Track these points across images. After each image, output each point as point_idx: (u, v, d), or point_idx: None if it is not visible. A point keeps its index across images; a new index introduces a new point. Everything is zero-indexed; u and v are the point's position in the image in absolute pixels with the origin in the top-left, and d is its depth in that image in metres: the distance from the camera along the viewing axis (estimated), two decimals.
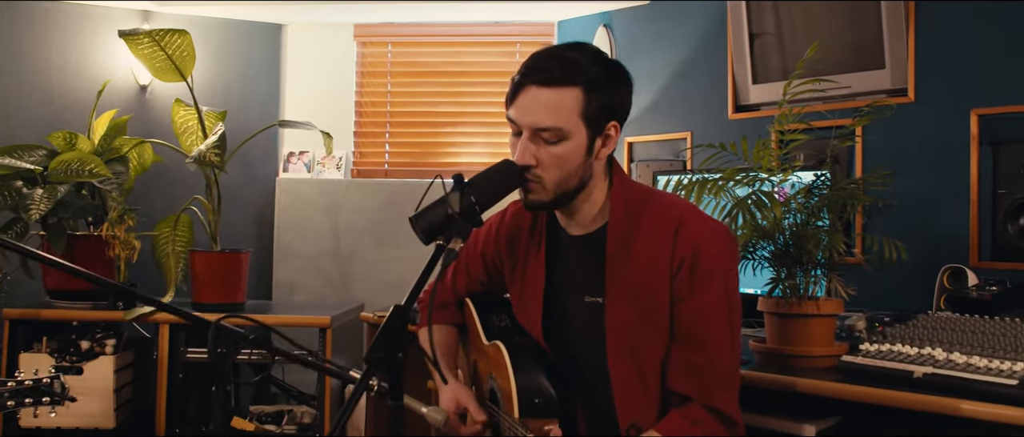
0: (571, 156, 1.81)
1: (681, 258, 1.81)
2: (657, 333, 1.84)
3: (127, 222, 3.66)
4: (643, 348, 1.84)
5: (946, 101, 3.08)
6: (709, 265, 1.80)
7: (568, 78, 1.79)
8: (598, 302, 1.90)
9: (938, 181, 3.07)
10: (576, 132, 1.80)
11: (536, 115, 1.79)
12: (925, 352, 2.10)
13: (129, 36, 3.52)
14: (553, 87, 1.79)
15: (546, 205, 1.88)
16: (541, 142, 1.81)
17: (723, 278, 1.82)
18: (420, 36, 4.80)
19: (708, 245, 1.82)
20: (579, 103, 1.79)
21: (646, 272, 1.83)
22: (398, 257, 4.57)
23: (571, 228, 1.97)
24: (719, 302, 1.82)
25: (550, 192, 1.84)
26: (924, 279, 2.92)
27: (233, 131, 4.20)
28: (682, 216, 1.84)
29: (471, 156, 4.77)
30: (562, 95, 1.79)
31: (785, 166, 2.40)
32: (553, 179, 1.83)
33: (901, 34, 3.16)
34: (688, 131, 3.94)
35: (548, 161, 1.81)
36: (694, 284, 1.80)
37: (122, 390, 3.57)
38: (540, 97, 1.79)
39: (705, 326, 1.81)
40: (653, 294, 1.83)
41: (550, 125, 1.79)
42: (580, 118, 1.80)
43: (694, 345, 1.81)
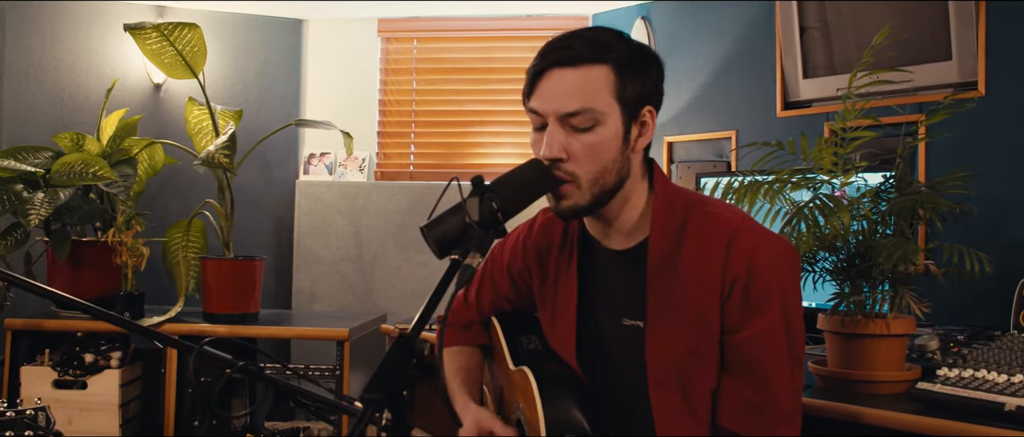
0: (607, 144, 1.56)
1: (734, 277, 1.55)
2: (707, 361, 1.58)
3: (135, 227, 3.47)
4: (690, 378, 1.59)
5: (1021, 95, 2.79)
6: (766, 286, 1.54)
7: (595, 55, 1.55)
8: (638, 326, 1.65)
9: (1012, 183, 2.78)
10: (611, 114, 1.56)
11: (563, 99, 1.55)
12: (1016, 380, 1.84)
13: (136, 30, 3.32)
14: (579, 66, 1.55)
15: (583, 210, 1.61)
16: (571, 130, 1.56)
17: (783, 300, 1.56)
18: (447, 31, 4.57)
19: (764, 262, 1.55)
20: (611, 82, 1.56)
21: (693, 293, 1.58)
22: (424, 263, 4.34)
23: (607, 241, 1.71)
24: (778, 329, 1.55)
25: (587, 192, 1.58)
26: (996, 291, 2.63)
27: (251, 131, 4.02)
28: (736, 228, 1.58)
29: (500, 157, 4.53)
30: (591, 73, 1.55)
31: (848, 167, 2.13)
32: (589, 174, 1.57)
33: (970, 21, 2.87)
34: (733, 130, 3.67)
35: (581, 152, 1.56)
36: (748, 308, 1.54)
37: (128, 405, 3.38)
38: (565, 79, 1.56)
39: (763, 357, 1.55)
40: (702, 318, 1.57)
41: (581, 107, 1.54)
42: (614, 98, 1.56)
43: (750, 379, 1.55)
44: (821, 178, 2.12)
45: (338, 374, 3.29)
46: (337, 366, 3.30)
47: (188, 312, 3.52)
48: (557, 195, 1.59)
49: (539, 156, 1.58)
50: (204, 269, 3.48)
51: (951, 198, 2.06)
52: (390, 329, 3.27)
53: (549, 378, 1.71)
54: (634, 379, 1.64)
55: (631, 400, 1.67)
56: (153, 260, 3.57)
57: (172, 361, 3.32)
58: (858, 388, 2.04)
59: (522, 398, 1.76)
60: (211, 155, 3.23)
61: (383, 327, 3.39)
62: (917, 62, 2.92)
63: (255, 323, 3.46)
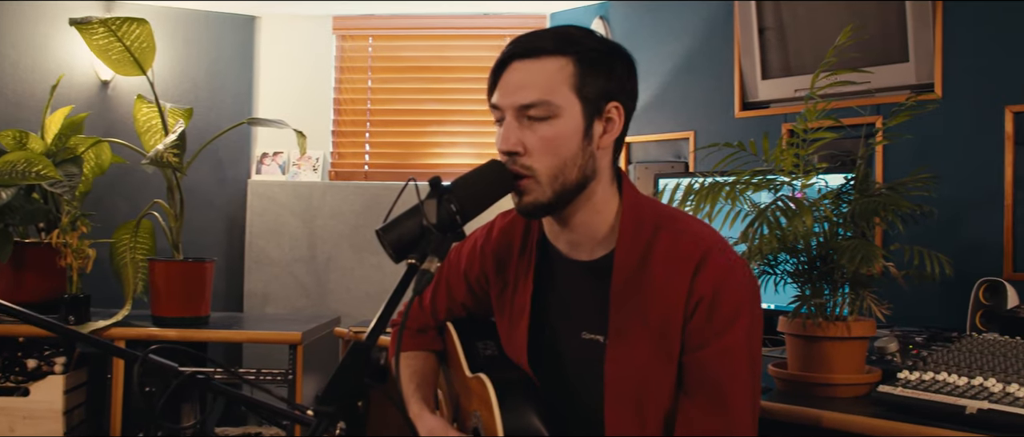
0: (565, 138, 1.52)
1: (699, 298, 1.51)
2: (665, 381, 1.55)
3: (81, 228, 3.36)
4: (647, 396, 1.55)
5: (978, 97, 2.80)
6: (732, 307, 1.51)
7: (555, 47, 1.53)
8: (598, 340, 1.61)
9: (968, 185, 2.79)
10: (568, 108, 1.52)
11: (520, 91, 1.52)
12: (977, 383, 1.83)
13: (82, 25, 3.22)
14: (539, 58, 1.53)
15: (545, 206, 1.56)
16: (527, 123, 1.53)
17: (748, 324, 1.53)
18: (403, 29, 4.50)
19: (732, 284, 1.52)
20: (570, 74, 1.52)
21: (657, 310, 1.54)
22: (378, 265, 4.27)
23: (572, 252, 1.67)
24: (741, 350, 1.52)
25: (547, 187, 1.54)
26: (952, 293, 2.65)
27: (201, 130, 3.92)
28: (707, 248, 1.54)
29: (457, 157, 4.48)
30: (549, 64, 1.52)
31: (809, 168, 2.11)
32: (547, 169, 1.53)
33: (927, 23, 2.88)
34: (691, 130, 3.65)
35: (537, 145, 1.52)
36: (712, 327, 1.51)
37: (73, 412, 3.27)
38: (523, 70, 1.53)
39: (723, 376, 1.51)
40: (663, 336, 1.54)
41: (536, 99, 1.51)
42: (572, 91, 1.52)
43: (708, 399, 1.51)
44: (782, 180, 2.10)
45: (291, 379, 3.22)
46: (289, 370, 3.23)
47: (136, 315, 3.42)
48: (518, 191, 1.55)
49: (497, 147, 1.54)
50: (152, 271, 3.38)
51: (912, 200, 2.05)
52: (344, 332, 3.20)
53: (508, 386, 1.67)
54: (590, 393, 1.61)
55: (585, 414, 1.63)
56: (100, 262, 3.46)
57: (118, 366, 3.22)
58: (818, 391, 2.03)
59: (480, 406, 1.72)
60: (160, 154, 3.14)
61: (337, 330, 3.32)
62: (875, 64, 2.93)
63: (205, 327, 3.37)
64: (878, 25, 2.97)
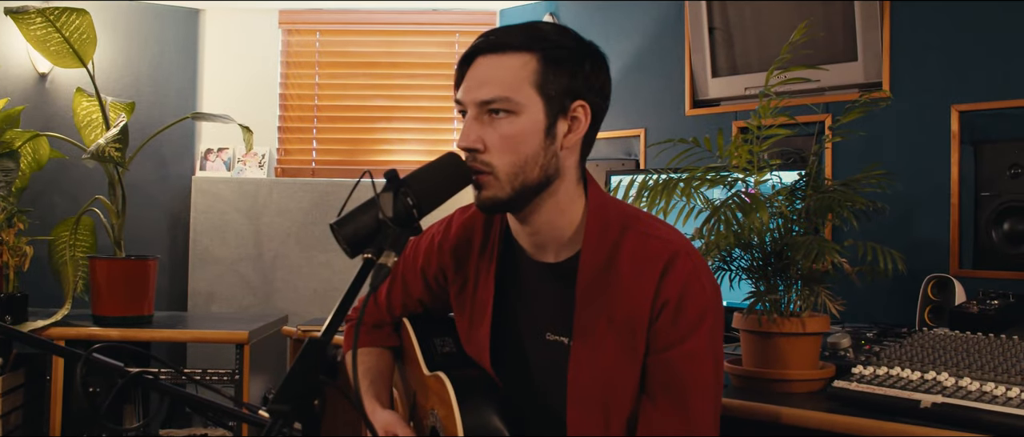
0: (525, 136, 1.50)
1: (664, 300, 1.50)
2: (628, 384, 1.53)
3: (17, 225, 3.25)
4: (610, 399, 1.53)
5: (925, 96, 2.84)
6: (698, 310, 1.50)
7: (520, 43, 1.51)
8: (562, 342, 1.59)
9: (915, 183, 2.82)
10: (529, 105, 1.50)
11: (482, 87, 1.50)
12: (930, 377, 1.84)
13: (18, 15, 3.11)
14: (503, 53, 1.50)
15: (503, 203, 1.53)
16: (488, 119, 1.50)
17: (712, 327, 1.52)
18: (351, 23, 4.44)
19: (697, 287, 1.51)
20: (533, 71, 1.50)
21: (622, 313, 1.52)
22: (326, 263, 4.21)
23: (537, 253, 1.64)
24: (705, 353, 1.51)
25: (506, 184, 1.51)
26: (900, 289, 2.68)
27: (144, 125, 3.83)
28: (674, 252, 1.52)
29: (406, 154, 4.43)
30: (512, 60, 1.50)
31: (763, 165, 2.11)
32: (506, 166, 1.50)
33: (875, 23, 2.91)
34: (641, 128, 3.65)
35: (497, 143, 1.49)
36: (677, 329, 1.50)
37: (9, 416, 3.16)
38: (486, 66, 1.51)
39: (686, 379, 1.50)
40: (629, 339, 1.52)
41: (496, 95, 1.49)
42: (534, 88, 1.50)
43: (671, 401, 1.50)
44: (735, 176, 2.10)
45: (237, 378, 3.15)
46: (236, 370, 3.16)
47: (76, 315, 3.32)
48: (476, 185, 1.52)
49: (457, 144, 1.51)
50: (93, 269, 3.29)
51: (864, 196, 2.06)
52: (292, 331, 3.14)
53: (467, 385, 1.64)
54: (554, 395, 1.58)
55: (548, 415, 1.61)
56: (38, 260, 3.36)
57: (58, 367, 3.12)
58: (773, 387, 2.03)
59: (438, 404, 1.68)
60: (101, 148, 3.05)
61: (285, 329, 3.26)
62: (823, 63, 2.95)
63: (149, 326, 3.28)
64: (827, 25, 3.00)
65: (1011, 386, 1.73)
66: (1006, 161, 2.64)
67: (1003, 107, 2.67)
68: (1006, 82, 2.67)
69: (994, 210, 2.66)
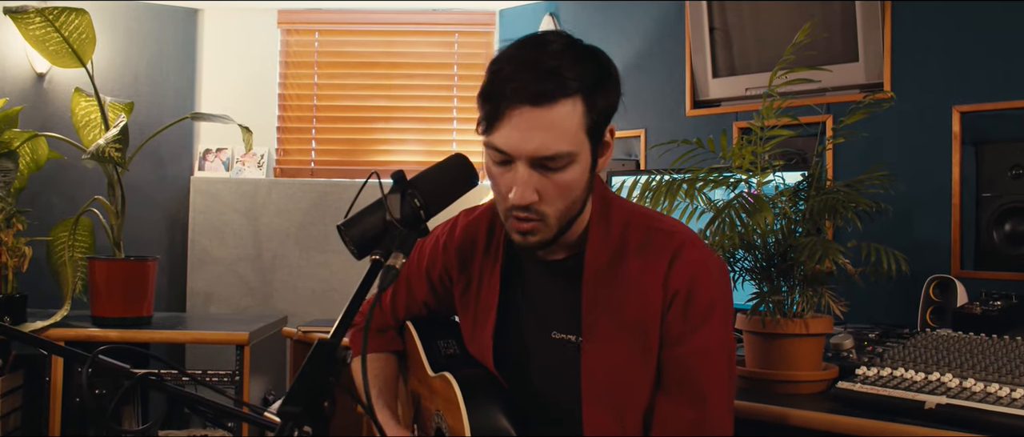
0: (578, 181, 1.46)
1: (674, 291, 1.50)
2: (642, 379, 1.53)
3: (16, 226, 3.23)
4: (624, 396, 1.53)
5: (926, 97, 2.84)
6: (708, 300, 1.50)
7: (562, 90, 1.40)
8: (570, 340, 1.58)
9: (917, 184, 2.82)
10: (583, 151, 1.45)
11: (538, 141, 1.40)
12: (933, 378, 1.84)
13: (17, 15, 3.10)
14: (550, 104, 1.40)
15: (550, 243, 1.52)
16: (543, 172, 1.44)
17: (723, 316, 1.52)
18: (350, 23, 4.43)
19: (706, 277, 1.51)
20: (581, 115, 1.43)
21: (632, 307, 1.52)
22: (325, 263, 4.20)
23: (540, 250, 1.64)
24: (718, 344, 1.51)
25: (554, 227, 1.49)
26: (901, 290, 2.68)
27: (143, 125, 3.82)
28: (681, 243, 1.52)
29: (405, 155, 4.43)
30: (561, 111, 1.40)
31: (766, 166, 2.11)
32: (558, 213, 1.47)
33: (877, 24, 2.91)
34: (641, 128, 3.66)
35: (553, 192, 1.45)
36: (688, 321, 1.50)
37: (9, 417, 3.15)
38: (537, 119, 1.40)
39: (700, 373, 1.50)
40: (640, 333, 1.52)
41: (559, 150, 1.41)
42: (584, 133, 1.44)
43: (687, 395, 1.50)
44: (739, 177, 2.10)
45: (238, 380, 3.14)
46: (236, 371, 3.15)
47: (75, 316, 3.31)
48: (521, 232, 1.49)
49: (510, 201, 1.45)
50: (92, 270, 3.27)
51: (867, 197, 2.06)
52: (292, 332, 3.13)
53: (473, 384, 1.64)
54: (561, 393, 1.58)
55: (555, 414, 1.61)
56: (36, 261, 3.34)
57: (57, 368, 3.11)
58: (777, 388, 2.03)
59: (443, 405, 1.68)
60: (101, 149, 3.04)
61: (285, 330, 3.25)
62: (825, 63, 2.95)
63: (148, 327, 3.27)
64: (828, 26, 3.00)
65: (1016, 387, 1.73)
66: (1007, 162, 2.64)
67: (1004, 108, 2.67)
68: (1007, 83, 2.67)
69: (995, 211, 2.66)
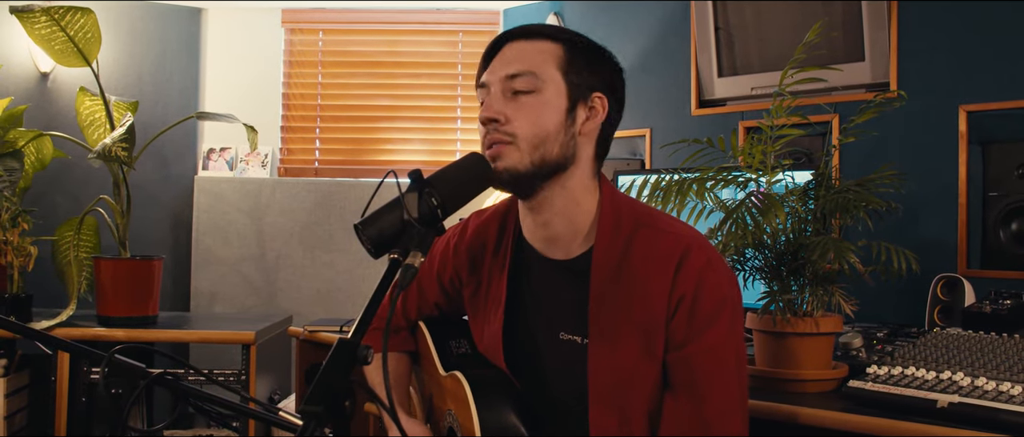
0: (547, 111, 1.53)
1: (681, 295, 1.50)
2: (648, 381, 1.52)
3: (21, 225, 3.23)
4: (629, 397, 1.53)
5: (932, 96, 2.84)
6: (714, 304, 1.50)
7: (550, 33, 1.59)
8: (577, 342, 1.59)
9: (923, 183, 2.82)
10: (551, 84, 1.55)
11: (508, 65, 1.56)
12: (945, 377, 1.84)
13: (23, 13, 3.09)
14: (531, 39, 1.58)
15: (522, 176, 1.53)
16: (512, 96, 1.55)
17: (730, 319, 1.52)
18: (354, 22, 4.43)
19: (713, 280, 1.51)
20: (558, 56, 1.56)
21: (638, 309, 1.52)
22: (329, 263, 4.20)
23: (547, 250, 1.64)
24: (725, 346, 1.51)
25: (526, 154, 1.52)
26: (908, 289, 2.68)
27: (146, 124, 3.82)
28: (688, 246, 1.52)
29: (410, 154, 4.43)
30: (540, 44, 1.57)
31: (775, 165, 2.11)
32: (528, 135, 1.52)
33: (883, 23, 2.91)
34: (647, 128, 3.66)
35: (519, 113, 1.53)
36: (694, 324, 1.49)
37: (15, 417, 3.14)
38: (515, 48, 1.58)
39: (705, 374, 1.50)
40: (646, 336, 1.51)
41: (522, 69, 1.54)
42: (558, 70, 1.55)
43: (693, 398, 1.50)
44: (748, 176, 2.10)
45: (244, 379, 3.14)
46: (242, 371, 3.15)
47: (81, 315, 3.31)
48: (494, 156, 1.53)
49: (479, 119, 1.56)
50: (98, 269, 3.27)
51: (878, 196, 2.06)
52: (298, 332, 3.12)
53: (483, 383, 1.64)
54: (568, 394, 1.58)
55: (563, 414, 1.61)
56: (40, 260, 3.34)
57: (63, 367, 3.10)
58: (787, 387, 2.03)
59: (454, 404, 1.68)
60: (107, 148, 3.03)
61: (291, 329, 3.23)
62: (830, 63, 2.95)
63: (154, 326, 3.27)
64: (834, 25, 3.00)
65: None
66: (1014, 161, 2.65)
67: (1011, 107, 2.67)
68: (1014, 82, 2.67)
69: (1002, 210, 2.66)
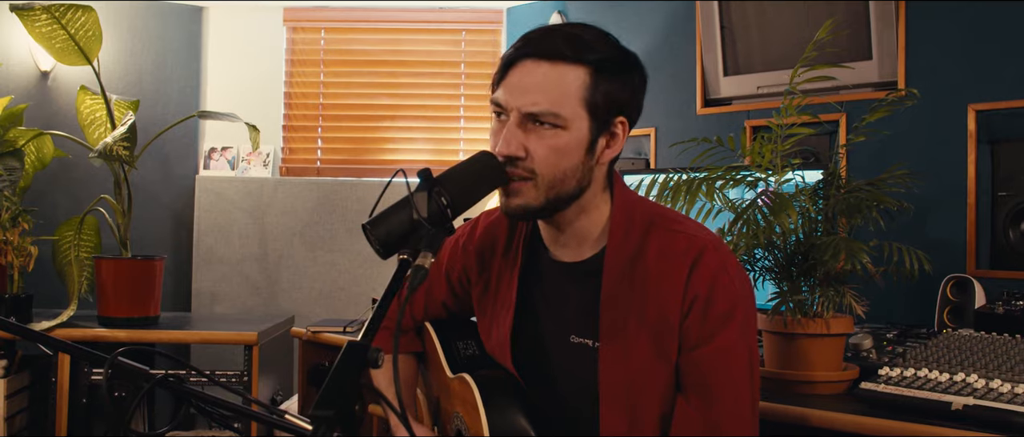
0: (569, 151, 1.47)
1: (694, 296, 1.47)
2: (660, 384, 1.50)
3: (22, 225, 3.21)
4: (641, 400, 1.50)
5: (941, 95, 2.82)
6: (728, 304, 1.48)
7: (573, 54, 1.45)
8: (588, 345, 1.56)
9: (932, 183, 2.80)
10: (576, 122, 1.46)
11: (530, 94, 1.45)
12: (959, 378, 1.82)
13: (23, 11, 3.07)
14: (554, 62, 1.45)
15: (534, 211, 1.51)
16: (532, 128, 1.46)
17: (743, 320, 1.49)
18: (356, 21, 4.40)
19: (726, 281, 1.48)
20: (583, 86, 1.46)
21: (651, 311, 1.49)
22: (331, 263, 4.18)
23: (558, 252, 1.62)
24: (736, 349, 1.48)
25: (541, 193, 1.48)
26: (916, 289, 2.65)
27: (147, 123, 3.79)
28: (702, 247, 1.50)
29: (412, 154, 4.40)
30: (564, 73, 1.45)
31: (785, 164, 2.09)
32: (546, 176, 1.47)
33: (891, 22, 2.89)
34: (651, 127, 3.63)
35: (540, 152, 1.46)
36: (707, 325, 1.47)
37: (15, 419, 3.12)
38: (537, 72, 1.46)
39: (717, 376, 1.47)
40: (658, 338, 1.49)
41: (545, 109, 1.44)
42: (582, 105, 1.46)
43: (705, 400, 1.47)
44: (757, 175, 2.08)
45: (246, 380, 3.12)
46: (245, 372, 3.12)
47: (81, 316, 3.28)
48: (508, 192, 1.49)
49: (495, 151, 1.47)
50: (99, 270, 3.25)
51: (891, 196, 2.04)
52: (301, 332, 3.10)
53: (492, 385, 1.61)
54: (578, 396, 1.56)
55: (572, 416, 1.58)
56: (40, 260, 3.32)
57: (64, 368, 3.08)
58: (797, 389, 2.01)
59: (461, 406, 1.66)
60: (109, 147, 3.01)
61: (294, 330, 3.21)
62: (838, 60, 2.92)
63: (155, 327, 3.25)
64: (841, 24, 2.97)
65: None
66: None
67: (1021, 106, 2.64)
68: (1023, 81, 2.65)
69: (1011, 210, 2.63)
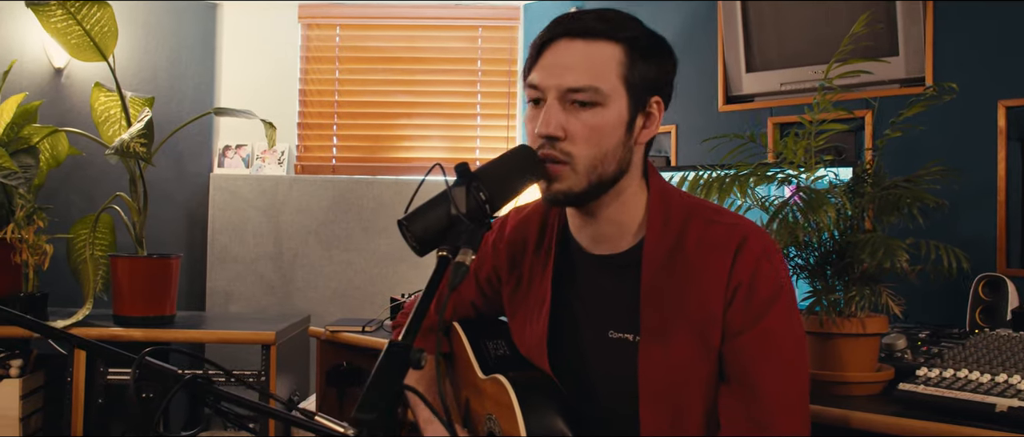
0: (609, 129, 1.43)
1: (737, 284, 1.44)
2: (703, 378, 1.46)
3: (37, 223, 3.17)
4: (684, 396, 1.46)
5: (969, 91, 2.77)
6: (771, 290, 1.44)
7: (608, 31, 1.43)
8: (627, 340, 1.52)
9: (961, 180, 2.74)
10: (615, 98, 1.43)
11: (568, 73, 1.42)
12: (1001, 379, 1.77)
13: (39, 6, 3.04)
14: (590, 39, 1.43)
15: (576, 196, 1.46)
16: (571, 108, 1.43)
17: (786, 307, 1.46)
18: (372, 18, 4.37)
19: (768, 267, 1.45)
20: (620, 63, 1.43)
21: (693, 303, 1.46)
22: (347, 262, 4.14)
23: (593, 245, 1.57)
24: (780, 333, 1.45)
25: (583, 176, 1.44)
26: (946, 288, 2.60)
27: (161, 120, 3.75)
28: (744, 235, 1.46)
29: (428, 151, 4.36)
30: (601, 49, 1.43)
31: (817, 161, 2.04)
32: (586, 158, 1.43)
33: (918, 19, 2.84)
34: (673, 124, 3.59)
35: (581, 133, 1.42)
36: (749, 314, 1.43)
37: (30, 419, 3.09)
38: (572, 50, 1.43)
39: (759, 363, 1.44)
40: (702, 330, 1.45)
41: (585, 84, 1.41)
42: (621, 81, 1.43)
43: (749, 389, 1.43)
44: (788, 173, 2.04)
45: (263, 380, 3.08)
46: (262, 372, 3.09)
47: (97, 315, 3.25)
48: (549, 177, 1.44)
49: (534, 134, 1.43)
50: (115, 268, 3.21)
51: None
52: (319, 332, 3.06)
53: (527, 386, 1.57)
54: (618, 394, 1.52)
55: (611, 416, 1.54)
56: (56, 259, 3.28)
57: (79, 368, 3.04)
58: (832, 389, 1.96)
59: (495, 408, 1.62)
60: (125, 143, 2.97)
61: (312, 330, 3.17)
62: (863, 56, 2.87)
63: (171, 326, 3.21)
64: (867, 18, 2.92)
65: None
66: None
67: None
68: None
69: None
